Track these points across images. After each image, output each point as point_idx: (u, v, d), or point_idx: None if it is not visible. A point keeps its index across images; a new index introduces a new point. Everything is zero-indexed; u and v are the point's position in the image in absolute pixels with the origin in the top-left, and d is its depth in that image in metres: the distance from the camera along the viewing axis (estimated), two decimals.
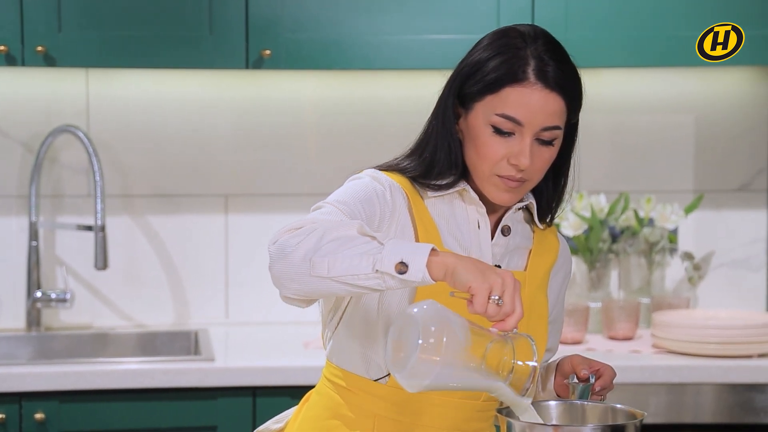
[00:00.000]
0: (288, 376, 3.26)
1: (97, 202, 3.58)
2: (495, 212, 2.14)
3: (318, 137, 3.84)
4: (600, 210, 3.76)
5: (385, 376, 2.09)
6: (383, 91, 3.83)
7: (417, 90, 3.63)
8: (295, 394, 3.04)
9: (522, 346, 1.83)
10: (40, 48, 3.38)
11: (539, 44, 2.04)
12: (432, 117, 2.12)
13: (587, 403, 2.01)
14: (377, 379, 2.10)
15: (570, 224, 3.72)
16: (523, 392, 1.84)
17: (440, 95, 2.11)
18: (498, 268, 1.92)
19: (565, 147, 2.11)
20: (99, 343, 3.70)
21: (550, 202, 2.18)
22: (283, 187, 3.83)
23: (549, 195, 2.17)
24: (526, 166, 2.03)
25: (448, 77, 2.11)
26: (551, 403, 2.01)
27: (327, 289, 1.86)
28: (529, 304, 2.08)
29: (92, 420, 3.26)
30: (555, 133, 2.05)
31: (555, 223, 2.23)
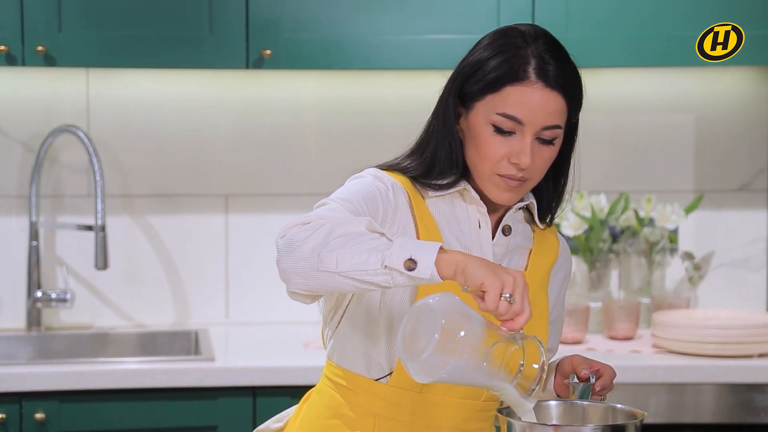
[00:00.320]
0: (288, 376, 3.26)
1: (97, 202, 3.58)
2: (495, 212, 2.14)
3: (318, 137, 3.84)
4: (600, 210, 3.75)
5: (386, 375, 2.09)
6: (383, 91, 3.83)
7: (417, 90, 3.63)
8: (295, 394, 3.03)
9: (530, 348, 1.82)
10: (40, 48, 3.38)
11: (540, 43, 2.04)
12: (432, 117, 2.12)
13: (587, 403, 2.01)
14: (378, 379, 2.09)
15: (570, 224, 3.72)
16: (528, 394, 1.84)
17: (441, 95, 2.11)
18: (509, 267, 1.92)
19: (566, 147, 2.11)
20: (99, 343, 3.70)
21: (550, 202, 2.18)
22: (283, 187, 3.83)
23: (549, 195, 2.17)
24: (527, 165, 2.03)
25: (449, 77, 2.11)
26: (551, 403, 2.00)
27: (334, 284, 1.85)
28: (530, 304, 2.07)
29: (92, 420, 3.26)
30: (555, 132, 2.05)
31: (555, 223, 2.23)
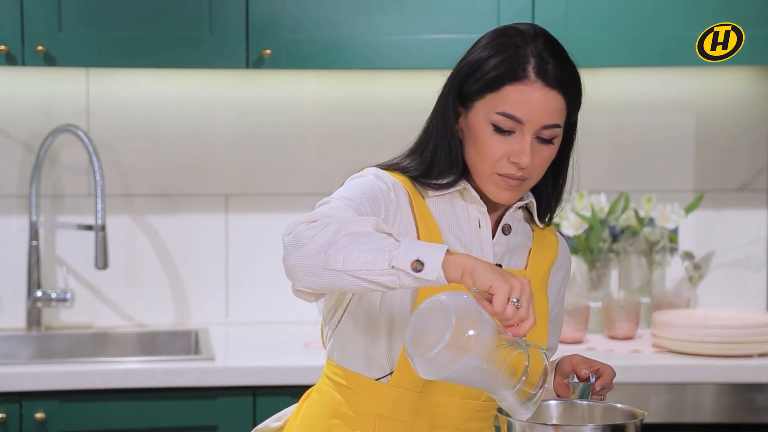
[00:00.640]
0: (288, 376, 3.26)
1: (97, 201, 3.58)
2: (495, 211, 2.14)
3: (318, 137, 3.84)
4: (600, 209, 3.75)
5: (386, 375, 2.09)
6: (383, 91, 3.83)
7: (417, 90, 3.63)
8: (295, 393, 3.03)
9: (534, 355, 1.82)
10: (40, 48, 3.38)
11: (539, 42, 2.04)
12: (432, 116, 2.12)
13: (587, 402, 2.01)
14: (378, 378, 2.09)
15: (570, 224, 3.72)
16: (528, 399, 1.83)
17: (440, 94, 2.11)
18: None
19: (565, 146, 2.12)
20: (99, 343, 3.70)
21: (549, 201, 2.18)
22: (283, 187, 3.83)
23: (548, 194, 2.17)
24: (527, 165, 2.03)
25: (448, 76, 2.11)
26: (551, 402, 2.00)
27: (340, 282, 1.85)
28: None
29: (92, 420, 3.26)
30: (555, 131, 2.05)
31: (554, 222, 2.23)
